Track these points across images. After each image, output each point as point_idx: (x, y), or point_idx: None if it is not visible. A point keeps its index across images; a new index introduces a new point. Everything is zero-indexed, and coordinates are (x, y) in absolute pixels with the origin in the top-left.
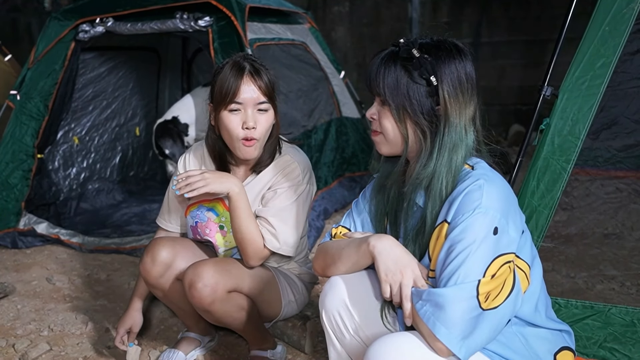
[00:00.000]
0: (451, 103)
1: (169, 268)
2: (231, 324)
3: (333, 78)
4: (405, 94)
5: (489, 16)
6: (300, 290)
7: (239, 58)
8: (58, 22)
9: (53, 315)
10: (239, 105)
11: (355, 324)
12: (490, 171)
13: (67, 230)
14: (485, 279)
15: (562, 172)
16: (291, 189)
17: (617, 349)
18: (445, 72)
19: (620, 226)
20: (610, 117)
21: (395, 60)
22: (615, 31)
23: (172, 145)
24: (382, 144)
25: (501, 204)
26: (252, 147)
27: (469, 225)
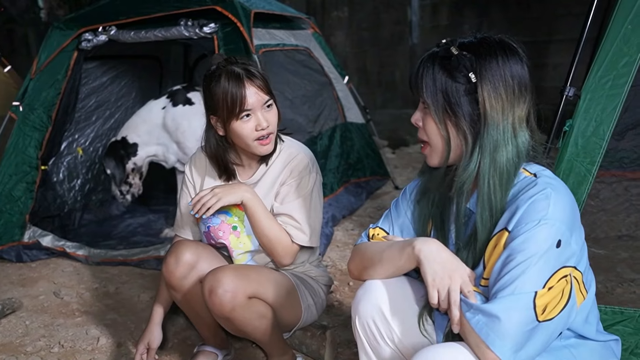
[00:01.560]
0: (492, 101)
1: (192, 269)
2: (251, 333)
3: (337, 83)
4: (444, 93)
5: (489, 18)
6: (318, 293)
7: (228, 65)
8: (60, 31)
9: (63, 330)
10: (249, 111)
11: (392, 332)
12: (555, 180)
13: (73, 242)
14: (543, 291)
15: (587, 175)
16: (304, 180)
17: None
18: (485, 69)
19: (634, 227)
20: (636, 117)
21: (434, 60)
22: (638, 29)
23: (114, 167)
24: (430, 155)
25: (567, 215)
26: (269, 144)
27: (533, 236)
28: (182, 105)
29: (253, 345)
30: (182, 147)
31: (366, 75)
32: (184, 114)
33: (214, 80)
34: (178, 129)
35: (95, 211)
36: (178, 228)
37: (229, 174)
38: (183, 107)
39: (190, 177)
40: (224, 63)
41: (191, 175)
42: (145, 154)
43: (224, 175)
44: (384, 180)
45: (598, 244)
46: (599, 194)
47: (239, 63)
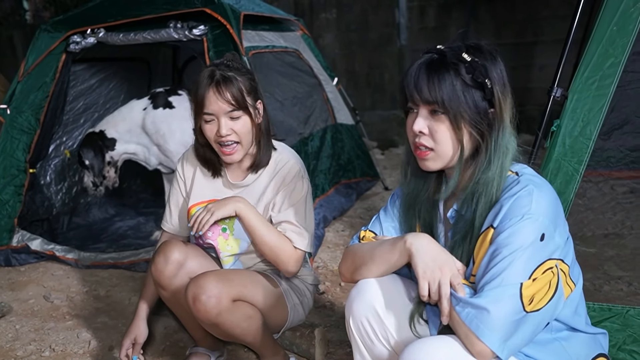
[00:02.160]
0: (503, 106)
1: (181, 267)
2: (240, 336)
3: (326, 85)
4: (462, 98)
5: (476, 20)
6: (304, 292)
7: (214, 66)
8: (48, 34)
9: (54, 334)
10: (211, 115)
11: (386, 331)
12: (537, 176)
13: (62, 246)
14: (528, 282)
15: (575, 174)
16: (298, 186)
17: (637, 351)
18: (494, 74)
19: (621, 226)
20: (622, 117)
21: (444, 65)
22: (623, 30)
23: (92, 157)
24: (432, 160)
25: (549, 210)
26: (234, 154)
27: (517, 231)
28: (163, 109)
29: (245, 348)
30: (163, 150)
31: (355, 76)
32: (164, 117)
33: (199, 76)
34: (157, 132)
35: (84, 214)
36: (166, 224)
37: (215, 171)
38: (163, 111)
39: (182, 174)
40: (211, 65)
41: (182, 171)
42: (123, 150)
43: (212, 171)
44: (374, 181)
45: (585, 242)
46: (586, 192)
47: (226, 67)
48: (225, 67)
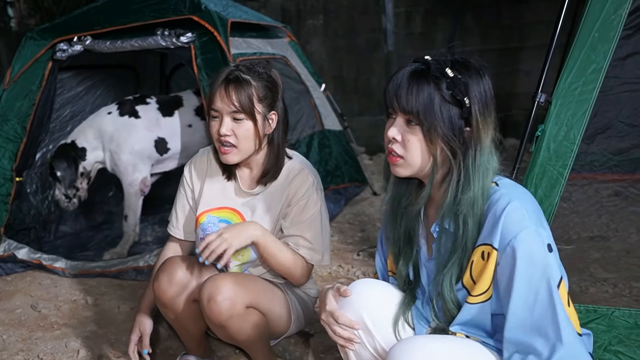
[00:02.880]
0: (480, 124)
1: (185, 289)
2: (242, 342)
3: (314, 91)
4: (439, 113)
5: (462, 26)
6: (307, 304)
7: (239, 66)
8: (34, 41)
9: (42, 344)
10: (216, 112)
11: (374, 340)
12: (516, 186)
13: (49, 254)
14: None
15: (559, 178)
16: (312, 198)
17: (622, 351)
18: (475, 92)
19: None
20: (604, 122)
21: (426, 77)
22: (604, 37)
23: (65, 168)
24: (402, 167)
25: (539, 218)
26: (229, 154)
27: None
28: (128, 117)
29: (237, 352)
30: (114, 158)
31: (342, 82)
32: (125, 125)
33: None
34: (114, 138)
35: (71, 222)
36: (172, 228)
37: (230, 174)
38: (128, 119)
39: (189, 180)
40: (232, 65)
41: (190, 178)
42: (94, 158)
43: (226, 173)
44: (362, 186)
45: (571, 244)
46: (571, 196)
47: (247, 69)
48: (245, 69)
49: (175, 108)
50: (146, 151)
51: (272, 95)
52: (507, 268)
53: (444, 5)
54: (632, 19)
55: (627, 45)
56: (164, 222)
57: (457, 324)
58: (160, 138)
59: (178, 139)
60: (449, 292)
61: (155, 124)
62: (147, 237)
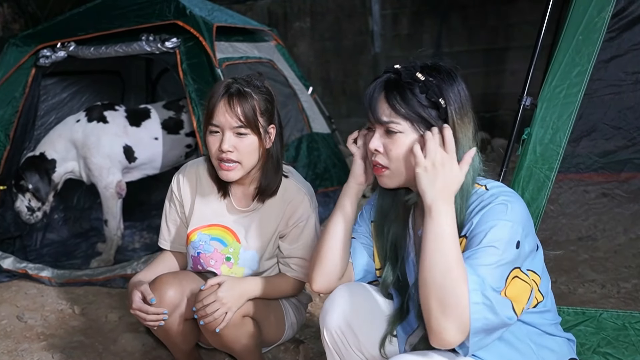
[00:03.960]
0: (458, 124)
1: (176, 308)
2: (235, 350)
3: (301, 94)
4: (416, 119)
5: (449, 27)
6: (300, 311)
7: (232, 79)
8: (16, 48)
9: (27, 356)
10: (217, 127)
11: (359, 341)
12: (506, 189)
13: (35, 263)
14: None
15: (546, 180)
16: (310, 219)
17: (610, 353)
18: (449, 93)
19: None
20: (590, 124)
21: (399, 85)
22: (588, 40)
23: (37, 180)
24: (388, 177)
25: (523, 219)
26: (232, 171)
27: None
28: (97, 122)
29: None
30: (87, 163)
31: (330, 85)
32: (95, 130)
33: (217, 84)
34: (85, 144)
35: (58, 230)
36: (164, 242)
37: (225, 192)
38: (97, 124)
39: (178, 194)
40: (232, 78)
41: (179, 192)
42: (64, 170)
43: (221, 191)
44: None
45: (559, 246)
46: (558, 198)
47: (246, 82)
48: (244, 82)
49: (142, 119)
50: (117, 156)
51: (272, 109)
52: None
53: (430, 6)
54: (615, 22)
55: (611, 48)
56: (152, 228)
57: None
58: (128, 146)
59: (144, 150)
60: None
61: (123, 131)
62: (135, 244)
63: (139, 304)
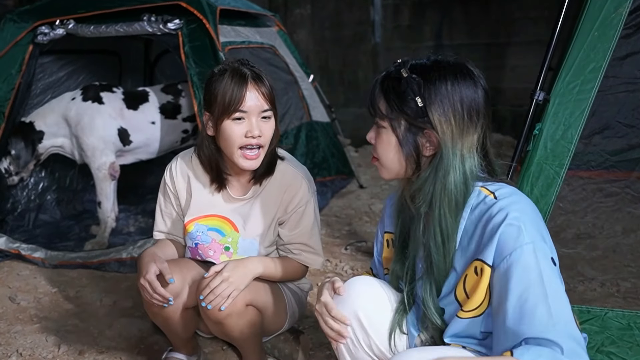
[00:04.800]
0: (443, 127)
1: (176, 298)
2: (236, 339)
3: (302, 82)
4: (397, 114)
5: (450, 19)
6: (301, 299)
7: (237, 64)
8: (14, 24)
9: (21, 338)
10: (244, 114)
11: (370, 339)
12: (516, 195)
13: (28, 244)
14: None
15: (556, 177)
16: (309, 204)
17: (614, 352)
18: (434, 93)
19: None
20: (602, 122)
21: (388, 80)
22: (604, 36)
23: (21, 148)
24: (380, 169)
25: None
26: (255, 160)
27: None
28: (91, 102)
29: (224, 348)
30: (80, 143)
31: (328, 73)
32: (89, 110)
33: (218, 74)
34: (79, 123)
35: (51, 211)
36: (160, 234)
37: (221, 181)
38: (91, 104)
39: (172, 186)
40: (234, 62)
41: (172, 183)
42: (50, 144)
43: (216, 183)
44: (349, 179)
45: (566, 245)
46: (567, 195)
47: (250, 66)
48: (249, 65)
49: (140, 102)
50: (111, 138)
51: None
52: (501, 285)
53: None
54: (633, 18)
55: (627, 45)
56: (146, 212)
57: (449, 336)
58: (123, 128)
59: (140, 133)
60: (431, 304)
61: (119, 114)
62: (130, 228)
63: (152, 277)
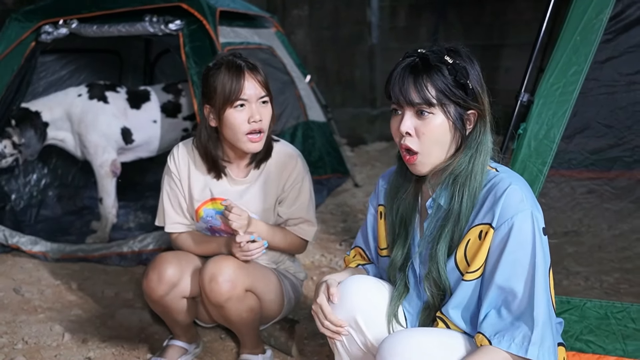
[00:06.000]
0: (483, 104)
1: (174, 287)
2: (235, 324)
3: (299, 82)
4: (447, 99)
5: (445, 21)
6: (297, 287)
7: (230, 57)
8: (18, 23)
9: (26, 327)
10: (244, 101)
11: (366, 339)
12: (513, 172)
13: (28, 235)
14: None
15: (539, 175)
16: (305, 181)
17: (592, 340)
18: (473, 75)
19: (580, 224)
20: (583, 122)
21: (428, 68)
22: (585, 40)
23: (31, 137)
24: (421, 164)
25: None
26: (259, 142)
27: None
28: (97, 101)
29: (222, 337)
30: (83, 140)
31: (326, 73)
32: (94, 108)
33: (214, 68)
34: (82, 120)
35: (52, 207)
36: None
37: (218, 170)
38: (97, 102)
39: (175, 171)
40: (227, 56)
41: (175, 167)
42: (52, 136)
43: (213, 172)
44: (344, 177)
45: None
46: (549, 192)
47: (242, 58)
48: (242, 57)
49: (142, 101)
50: (114, 136)
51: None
52: (499, 245)
53: (428, 0)
54: (612, 24)
55: (607, 49)
56: (146, 208)
57: (453, 307)
58: (126, 128)
59: (142, 132)
60: (442, 263)
61: (122, 113)
62: (130, 224)
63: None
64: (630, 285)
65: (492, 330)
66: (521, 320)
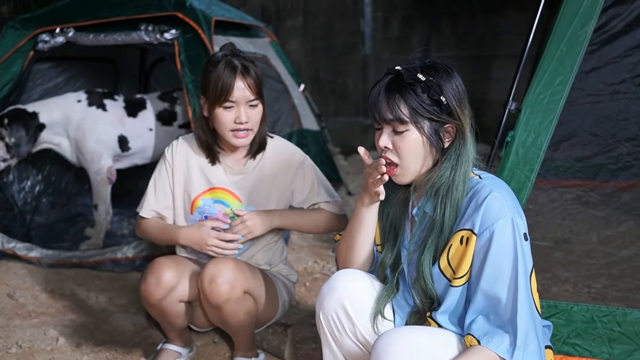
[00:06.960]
0: (460, 117)
1: (172, 291)
2: (232, 326)
3: (293, 91)
4: (420, 117)
5: (438, 32)
6: (290, 290)
7: (229, 56)
8: (15, 31)
9: (20, 331)
10: (232, 103)
11: (355, 327)
12: (496, 179)
13: (24, 242)
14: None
15: (527, 181)
16: (305, 165)
17: (579, 344)
18: (450, 89)
19: (569, 231)
20: (569, 130)
21: (401, 86)
22: (571, 51)
23: (22, 137)
24: (401, 175)
25: (518, 208)
26: (245, 138)
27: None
28: (96, 108)
29: (215, 342)
30: (80, 147)
31: (319, 83)
32: (92, 115)
33: (213, 64)
34: (80, 127)
35: (46, 213)
36: (149, 211)
37: (214, 157)
38: (95, 109)
39: (170, 159)
40: (229, 52)
41: (171, 156)
42: (48, 139)
43: (209, 158)
44: (338, 186)
45: (535, 245)
46: (537, 199)
47: (241, 57)
48: (238, 56)
49: (138, 110)
50: (110, 143)
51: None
52: (482, 252)
53: (421, 11)
54: (597, 36)
55: (592, 60)
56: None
57: (442, 312)
58: (123, 136)
59: (138, 140)
60: (428, 273)
61: (119, 121)
62: (124, 230)
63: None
64: (617, 290)
65: (481, 332)
66: (507, 324)
